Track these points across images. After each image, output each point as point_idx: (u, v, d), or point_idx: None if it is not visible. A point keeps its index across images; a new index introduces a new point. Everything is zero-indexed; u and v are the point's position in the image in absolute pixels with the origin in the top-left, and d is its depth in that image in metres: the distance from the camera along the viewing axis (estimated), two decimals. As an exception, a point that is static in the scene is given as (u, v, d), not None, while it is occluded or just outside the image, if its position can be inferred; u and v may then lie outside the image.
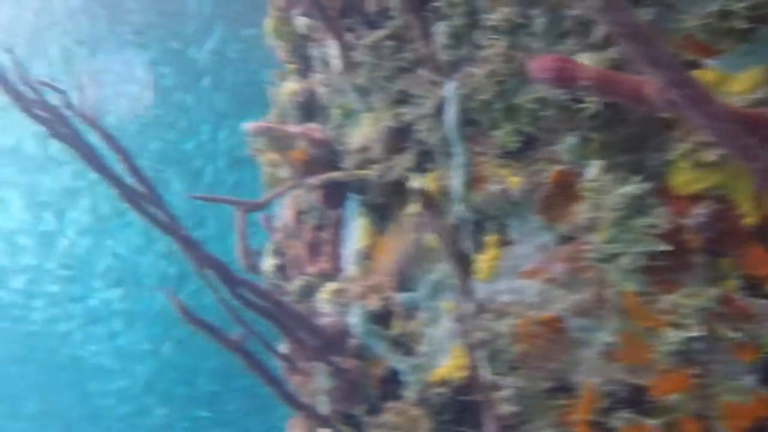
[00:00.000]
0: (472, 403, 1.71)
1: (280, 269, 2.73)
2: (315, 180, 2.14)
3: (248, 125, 2.39)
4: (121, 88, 7.35)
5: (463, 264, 1.77)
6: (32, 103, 2.01)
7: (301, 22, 2.50)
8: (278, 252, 2.81)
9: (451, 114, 1.77)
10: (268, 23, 2.74)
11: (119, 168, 2.11)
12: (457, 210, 1.78)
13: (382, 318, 1.95)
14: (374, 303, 1.95)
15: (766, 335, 1.39)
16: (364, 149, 2.13)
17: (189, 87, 7.82)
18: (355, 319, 1.95)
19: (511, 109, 1.70)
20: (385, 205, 2.05)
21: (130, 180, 2.08)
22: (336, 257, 2.35)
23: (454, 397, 1.74)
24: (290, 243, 2.70)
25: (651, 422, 1.45)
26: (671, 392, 1.44)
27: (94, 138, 2.15)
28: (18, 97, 1.99)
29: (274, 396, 1.99)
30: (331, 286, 2.23)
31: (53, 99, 2.11)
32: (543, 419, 1.56)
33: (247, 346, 1.99)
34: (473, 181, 1.75)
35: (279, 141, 2.62)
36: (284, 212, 2.67)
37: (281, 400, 2.01)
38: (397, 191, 2.00)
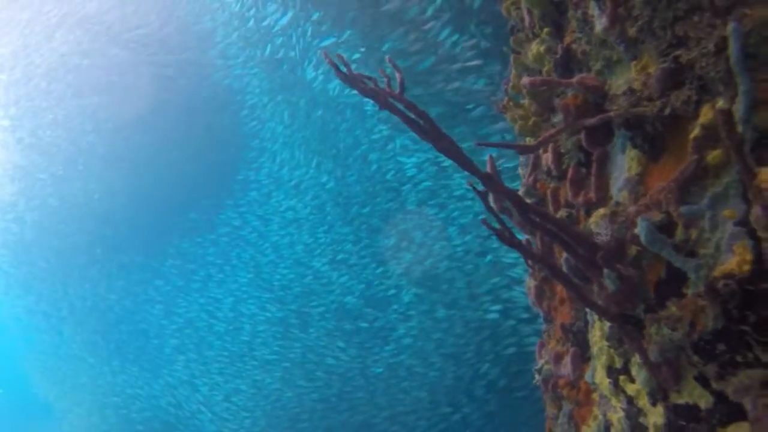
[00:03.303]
0: (758, 292, 2.03)
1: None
2: (593, 120, 2.52)
3: (524, 80, 2.81)
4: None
5: (743, 176, 2.09)
6: (363, 88, 2.61)
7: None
8: (530, 192, 3.23)
9: (735, 49, 2.08)
10: (522, -6, 3.16)
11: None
12: (740, 130, 2.10)
13: (663, 228, 2.30)
14: (657, 216, 2.31)
15: None
16: (634, 91, 2.49)
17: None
18: (640, 230, 2.32)
19: (793, 40, 1.99)
20: (659, 136, 2.39)
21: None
22: (601, 188, 2.72)
23: (740, 287, 2.06)
24: (547, 183, 3.11)
25: None
26: None
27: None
28: (355, 85, 2.60)
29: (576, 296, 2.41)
30: (600, 211, 2.61)
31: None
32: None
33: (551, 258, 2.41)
34: (756, 104, 2.05)
35: (541, 94, 3.04)
36: (542, 156, 3.08)
37: (581, 300, 2.42)
38: (673, 122, 2.34)
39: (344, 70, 2.70)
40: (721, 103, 2.10)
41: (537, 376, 3.48)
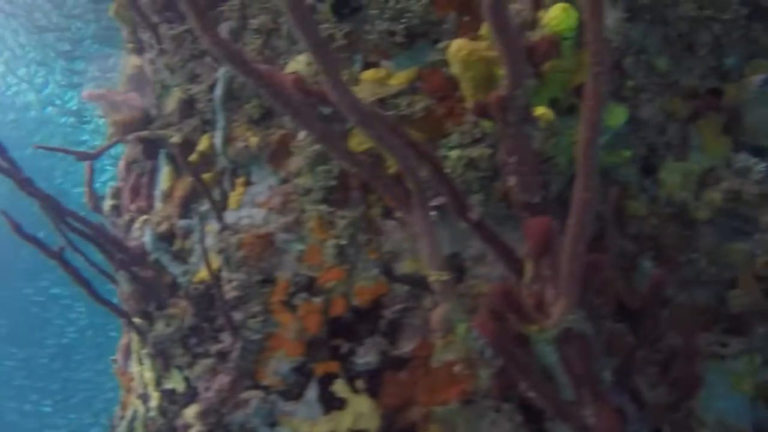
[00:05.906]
0: (216, 294, 2.45)
1: (116, 208, 3.37)
2: (129, 137, 2.80)
3: (85, 92, 3.01)
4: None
5: (222, 198, 2.50)
6: None
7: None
8: (115, 195, 3.45)
9: (218, 90, 2.48)
10: (112, 7, 3.35)
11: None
12: (220, 160, 2.50)
13: (167, 237, 2.65)
14: (163, 227, 2.65)
15: (396, 241, 2.17)
16: (168, 115, 2.81)
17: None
18: (147, 238, 2.64)
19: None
20: (179, 156, 2.74)
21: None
22: (150, 197, 3.02)
23: (206, 290, 2.47)
24: (123, 188, 3.35)
25: (317, 300, 2.22)
26: (331, 281, 2.21)
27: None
28: None
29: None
30: (142, 218, 2.90)
31: None
32: (255, 300, 2.30)
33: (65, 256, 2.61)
34: (229, 139, 2.47)
35: (114, 106, 3.26)
36: (120, 163, 3.31)
37: (95, 301, 2.66)
38: (186, 147, 2.69)
39: None
40: (176, 138, 2.49)
41: (114, 366, 3.72)
